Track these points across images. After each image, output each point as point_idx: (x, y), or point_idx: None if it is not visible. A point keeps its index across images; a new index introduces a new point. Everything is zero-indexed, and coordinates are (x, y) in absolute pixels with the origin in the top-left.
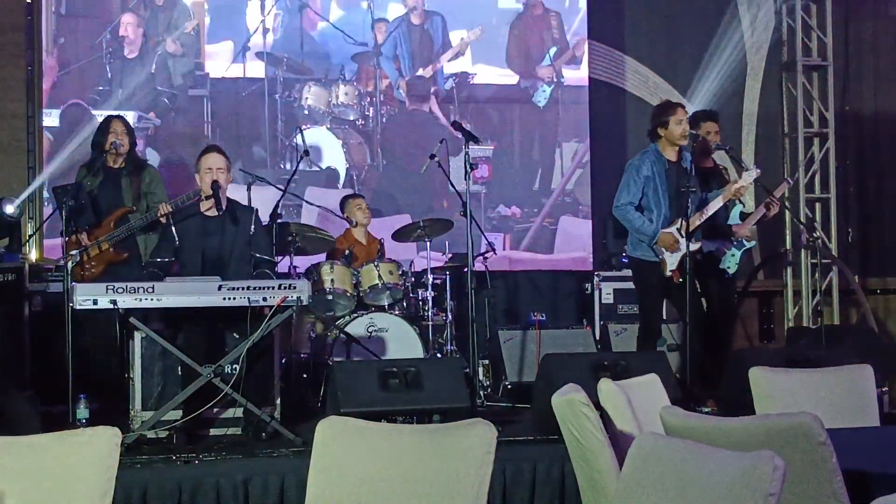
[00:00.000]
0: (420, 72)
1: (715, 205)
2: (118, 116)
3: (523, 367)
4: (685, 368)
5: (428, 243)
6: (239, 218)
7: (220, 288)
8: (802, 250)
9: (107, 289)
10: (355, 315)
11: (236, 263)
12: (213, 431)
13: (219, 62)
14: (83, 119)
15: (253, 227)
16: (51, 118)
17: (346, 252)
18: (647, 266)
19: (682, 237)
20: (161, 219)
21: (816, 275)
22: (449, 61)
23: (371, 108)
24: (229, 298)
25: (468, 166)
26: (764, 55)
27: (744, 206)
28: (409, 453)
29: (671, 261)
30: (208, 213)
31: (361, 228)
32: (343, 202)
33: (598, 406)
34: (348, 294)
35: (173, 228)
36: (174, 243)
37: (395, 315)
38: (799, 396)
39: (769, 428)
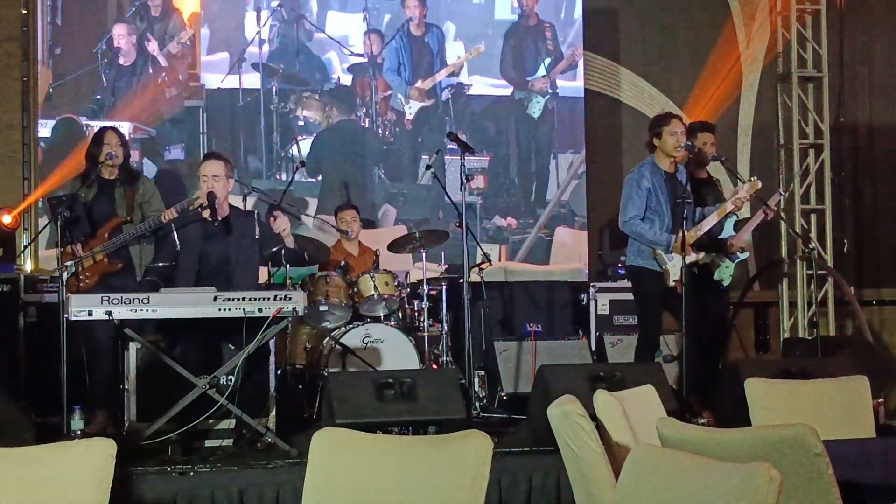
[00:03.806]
0: (419, 83)
1: (711, 220)
2: (112, 128)
3: (519, 378)
4: (681, 380)
5: (423, 254)
6: (242, 224)
7: (215, 299)
8: (798, 261)
9: (102, 300)
10: (351, 326)
11: (242, 270)
12: (208, 442)
13: (214, 73)
14: (75, 133)
15: (258, 232)
16: (45, 129)
17: (342, 263)
18: (649, 275)
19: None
20: (163, 224)
21: (812, 286)
22: (447, 77)
23: (367, 119)
24: (225, 309)
25: (464, 177)
26: (759, 66)
27: (738, 216)
28: (405, 465)
29: (674, 271)
30: (210, 219)
31: (354, 240)
32: (336, 213)
33: (593, 417)
34: (344, 305)
35: (175, 234)
36: (175, 248)
37: (391, 326)
38: (795, 408)
39: (765, 439)
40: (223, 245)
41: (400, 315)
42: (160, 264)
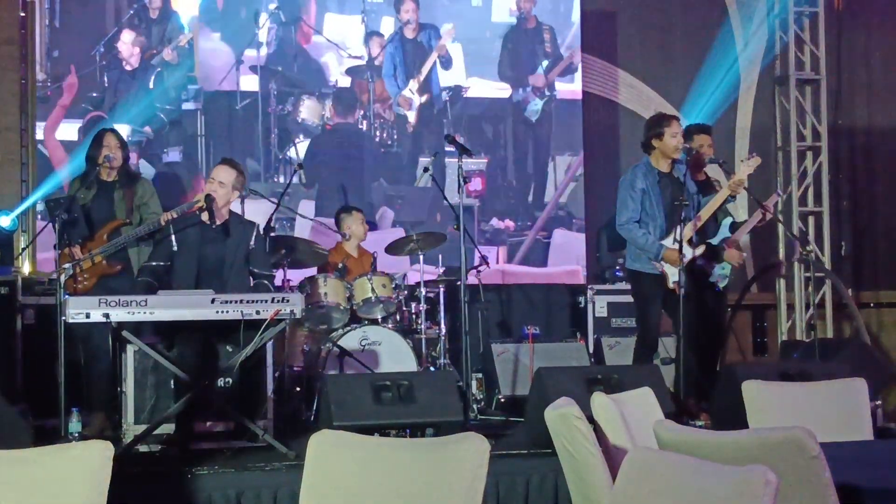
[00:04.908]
0: (411, 83)
1: (710, 209)
2: (111, 130)
3: (516, 381)
4: (679, 382)
5: (421, 257)
6: (240, 231)
7: (213, 301)
8: (796, 264)
9: (99, 302)
10: (348, 328)
11: (236, 275)
12: (205, 445)
13: (212, 76)
14: None
15: (253, 241)
16: (66, 131)
17: (340, 265)
18: (647, 278)
19: (685, 246)
20: (162, 228)
21: (810, 288)
22: (444, 70)
23: (364, 122)
24: (222, 312)
25: (461, 180)
26: (757, 69)
27: (734, 218)
28: (402, 467)
29: (671, 272)
30: (208, 222)
31: (354, 242)
32: (339, 215)
33: (591, 420)
34: (341, 307)
35: (173, 236)
36: (171, 249)
37: (389, 328)
38: (792, 410)
39: (762, 442)
40: (220, 250)
41: (397, 317)
42: (153, 263)
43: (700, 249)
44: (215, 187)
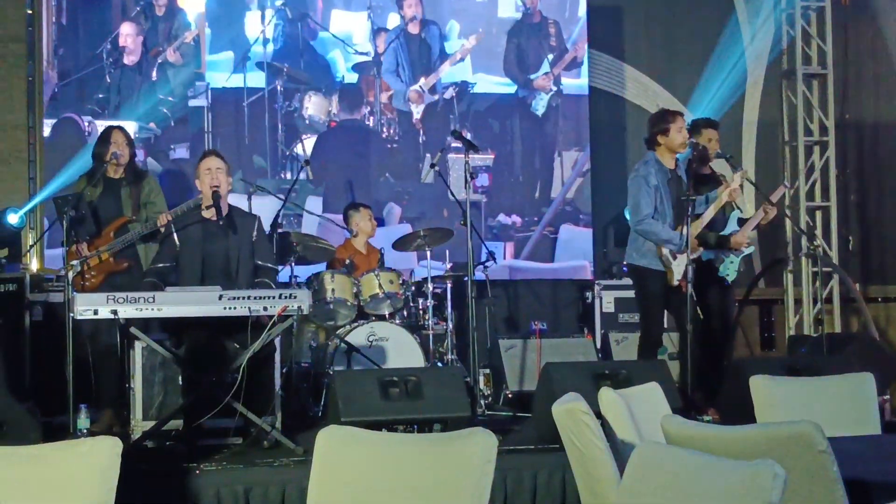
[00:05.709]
0: (421, 81)
1: (710, 213)
2: (119, 127)
3: (524, 376)
4: (686, 377)
5: (428, 252)
6: (241, 224)
7: (220, 298)
8: (803, 258)
9: (107, 299)
10: (356, 324)
11: (243, 269)
12: (213, 441)
13: (219, 72)
14: (74, 133)
15: (255, 233)
16: (46, 128)
17: (347, 261)
18: (651, 274)
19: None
20: (161, 228)
21: (817, 283)
22: (451, 66)
23: (371, 118)
24: (230, 308)
25: (468, 175)
26: (764, 64)
27: (742, 212)
28: (410, 462)
29: (678, 269)
30: (209, 217)
31: (362, 238)
32: (347, 211)
33: (598, 415)
34: (349, 303)
35: (175, 235)
36: (175, 248)
37: (396, 324)
38: (800, 405)
39: (770, 436)
40: (224, 245)
41: (405, 313)
42: (159, 265)
43: (699, 250)
44: (215, 175)
